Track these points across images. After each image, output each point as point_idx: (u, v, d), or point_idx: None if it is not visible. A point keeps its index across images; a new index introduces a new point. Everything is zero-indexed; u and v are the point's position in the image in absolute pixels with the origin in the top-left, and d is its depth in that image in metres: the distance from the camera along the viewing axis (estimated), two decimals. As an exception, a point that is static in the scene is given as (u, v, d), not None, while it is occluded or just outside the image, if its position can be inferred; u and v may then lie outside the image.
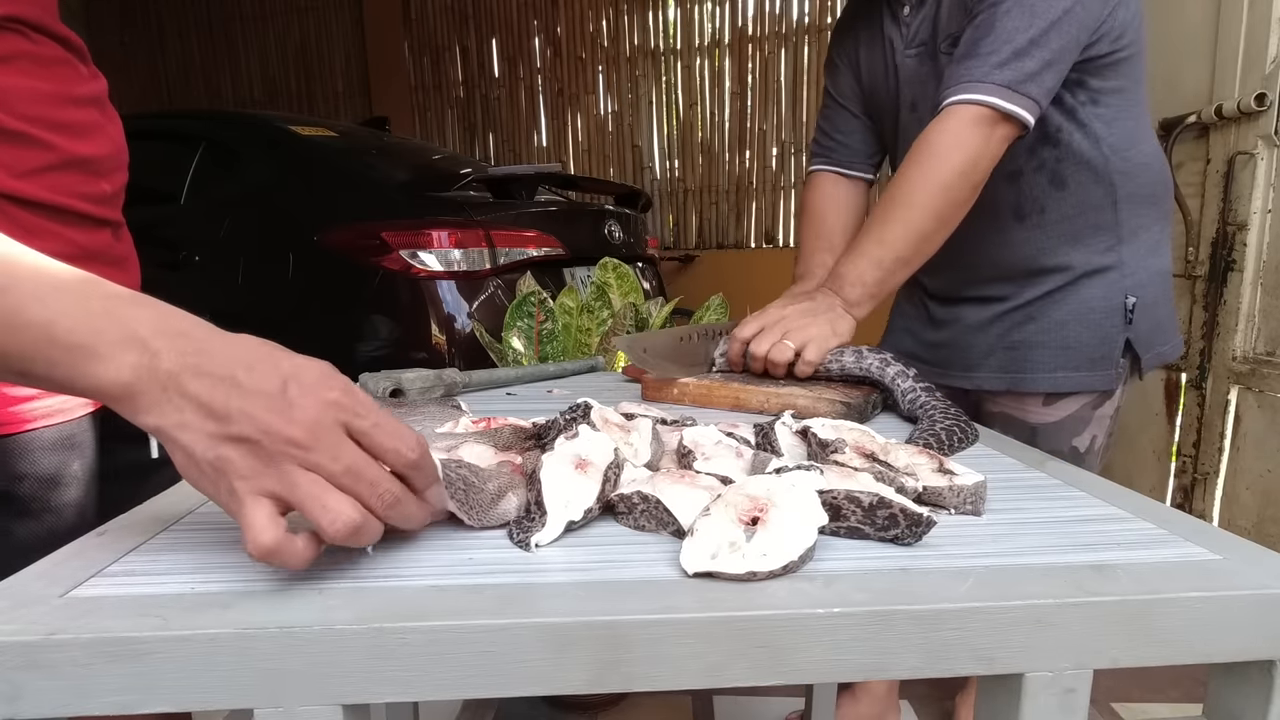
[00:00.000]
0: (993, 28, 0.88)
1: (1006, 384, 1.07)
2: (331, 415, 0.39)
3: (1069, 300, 1.04)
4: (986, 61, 0.88)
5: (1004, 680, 0.41)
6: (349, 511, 0.38)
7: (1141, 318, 1.03)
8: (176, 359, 0.38)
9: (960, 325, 1.13)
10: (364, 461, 0.39)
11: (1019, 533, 0.49)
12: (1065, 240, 1.03)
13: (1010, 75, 0.87)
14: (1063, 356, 1.04)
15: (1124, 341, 1.03)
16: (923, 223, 0.91)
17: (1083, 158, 0.99)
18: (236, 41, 5.35)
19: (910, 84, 1.06)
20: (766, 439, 0.63)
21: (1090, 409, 1.06)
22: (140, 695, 0.36)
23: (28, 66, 0.67)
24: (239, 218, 2.39)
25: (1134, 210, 1.02)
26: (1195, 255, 1.85)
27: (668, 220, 4.49)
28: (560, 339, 1.51)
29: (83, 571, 0.42)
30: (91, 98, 0.75)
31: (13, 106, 0.65)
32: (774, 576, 0.41)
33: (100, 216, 0.77)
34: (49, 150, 0.68)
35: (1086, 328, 1.03)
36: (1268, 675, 0.41)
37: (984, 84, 0.87)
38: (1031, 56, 0.87)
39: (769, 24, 4.10)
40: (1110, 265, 1.03)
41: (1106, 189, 1.01)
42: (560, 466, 0.50)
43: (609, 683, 0.37)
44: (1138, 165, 1.01)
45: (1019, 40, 0.87)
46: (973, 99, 0.88)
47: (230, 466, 0.37)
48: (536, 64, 4.70)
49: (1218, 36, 1.77)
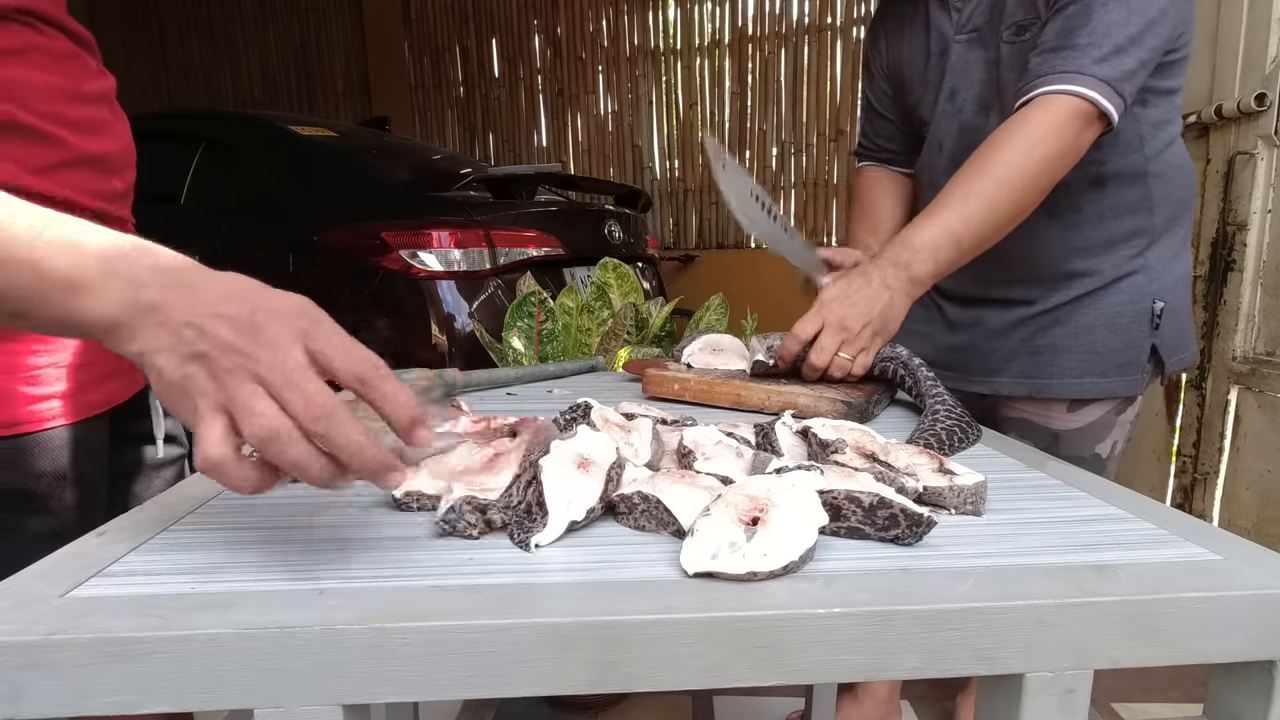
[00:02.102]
0: (1089, 19, 0.84)
1: (1029, 390, 1.05)
2: (289, 334, 0.40)
3: (1097, 305, 1.01)
4: (1086, 54, 0.84)
5: (1004, 680, 0.41)
6: (270, 415, 0.38)
7: (1167, 323, 1.01)
8: (159, 292, 0.40)
9: (981, 329, 1.10)
10: (306, 376, 0.40)
11: (1019, 533, 0.49)
12: (1098, 243, 1.01)
13: (1110, 71, 0.84)
14: (1089, 362, 1.01)
15: (1150, 347, 1.01)
16: (1009, 206, 0.87)
17: (1125, 159, 0.97)
18: (237, 42, 5.35)
19: (954, 73, 1.03)
20: (767, 439, 0.63)
21: (1114, 414, 1.05)
22: (140, 695, 0.36)
23: (40, 60, 0.67)
24: (239, 218, 2.39)
25: (1166, 214, 1.01)
26: (1195, 255, 1.85)
27: (668, 220, 4.49)
28: (560, 339, 1.51)
29: (83, 571, 0.42)
30: (101, 94, 0.75)
31: (26, 101, 0.65)
32: (774, 576, 0.41)
33: (112, 214, 0.77)
34: (61, 147, 0.68)
35: (1114, 333, 1.00)
36: (1268, 675, 0.41)
37: (1085, 76, 0.84)
38: (1130, 54, 0.84)
39: (769, 24, 4.10)
40: (1139, 270, 1.00)
41: (1143, 193, 0.99)
42: (562, 466, 0.50)
43: (609, 683, 0.37)
44: (1173, 168, 1.00)
45: (1118, 36, 0.83)
46: (1072, 90, 0.84)
47: (193, 384, 0.39)
48: (536, 64, 4.69)
49: (1218, 36, 1.77)
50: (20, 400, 0.69)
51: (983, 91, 1.00)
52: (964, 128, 1.03)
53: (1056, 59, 0.86)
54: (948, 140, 1.06)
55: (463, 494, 0.50)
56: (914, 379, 0.83)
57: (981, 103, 1.01)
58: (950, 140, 1.05)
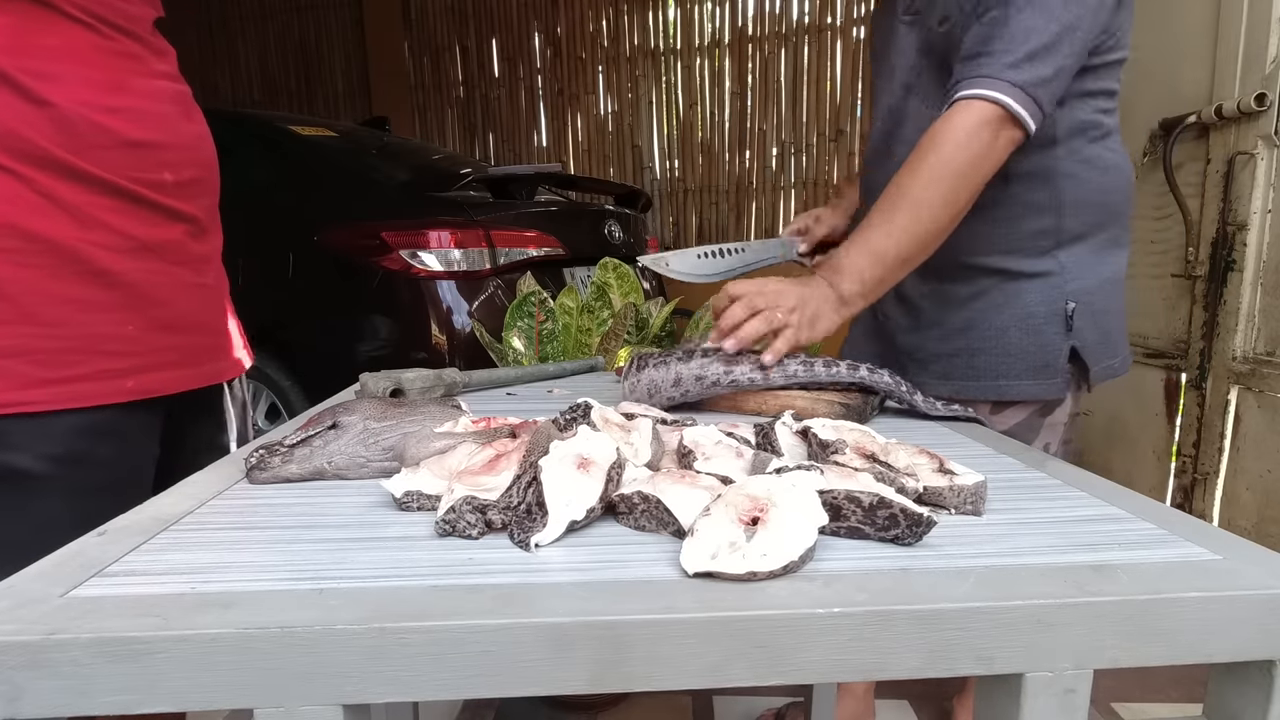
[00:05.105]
0: (1006, 25, 0.86)
1: (950, 391, 1.04)
2: None
3: (1010, 306, 1.01)
4: (1000, 60, 0.85)
5: (1004, 680, 0.41)
6: None
7: (1087, 326, 1.00)
8: None
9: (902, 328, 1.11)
10: None
11: (1019, 533, 0.49)
12: (1005, 240, 1.00)
13: (1024, 76, 0.85)
14: (1004, 364, 1.01)
15: (1068, 349, 1.00)
16: (928, 221, 0.88)
17: (1032, 160, 0.96)
18: (236, 41, 5.35)
19: (896, 52, 1.05)
20: (766, 439, 0.63)
21: (1038, 417, 1.04)
22: (140, 695, 0.36)
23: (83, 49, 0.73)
24: (238, 218, 2.39)
25: (1080, 215, 0.99)
26: (1195, 255, 1.85)
27: (668, 220, 4.49)
28: (560, 339, 1.51)
29: (83, 571, 0.42)
30: (155, 90, 0.80)
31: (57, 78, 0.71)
32: (774, 576, 0.41)
33: (165, 205, 0.78)
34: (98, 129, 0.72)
35: (1027, 334, 1.00)
36: (1268, 675, 0.41)
37: (998, 81, 0.85)
38: (1045, 61, 0.85)
39: (769, 24, 4.10)
40: (1050, 271, 1.00)
41: (1052, 193, 0.98)
42: (562, 466, 0.50)
43: (609, 683, 0.37)
44: (1096, 170, 0.99)
45: (1033, 42, 0.85)
46: (985, 95, 0.86)
47: None
48: (536, 64, 4.69)
49: (1218, 36, 1.77)
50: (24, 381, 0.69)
51: (907, 76, 1.02)
52: (890, 110, 1.05)
53: (973, 65, 0.88)
54: (879, 121, 1.08)
55: (463, 494, 0.50)
56: (885, 392, 0.84)
57: (906, 86, 1.03)
58: (880, 121, 1.08)
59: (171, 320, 0.81)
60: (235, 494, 0.58)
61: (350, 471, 0.61)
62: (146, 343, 0.78)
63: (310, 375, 2.26)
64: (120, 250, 0.75)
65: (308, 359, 2.26)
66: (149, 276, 0.78)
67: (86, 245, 0.72)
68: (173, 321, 0.81)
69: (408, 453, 0.60)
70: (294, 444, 0.61)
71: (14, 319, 0.69)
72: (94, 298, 0.73)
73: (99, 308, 0.74)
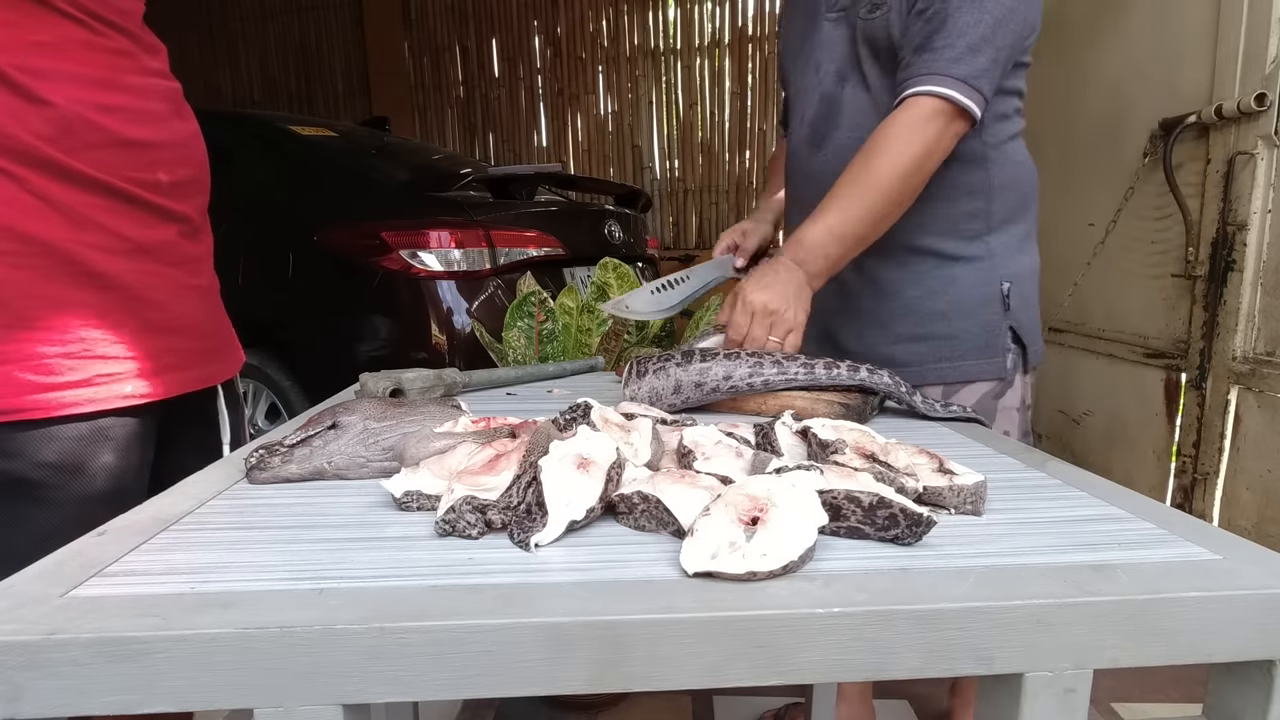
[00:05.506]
0: (945, 22, 0.91)
1: (904, 377, 1.07)
2: None
3: (948, 291, 1.06)
4: (943, 55, 0.91)
5: (1004, 680, 0.41)
6: None
7: (1019, 308, 1.06)
8: None
9: (848, 314, 1.14)
10: None
11: (1019, 533, 0.49)
12: (942, 219, 1.05)
13: (965, 69, 0.91)
14: (948, 347, 1.06)
15: (1009, 330, 1.06)
16: (884, 206, 0.94)
17: (965, 142, 1.01)
18: (236, 41, 5.35)
19: (823, 47, 1.09)
20: (766, 439, 0.63)
21: (992, 399, 1.08)
22: (140, 695, 0.36)
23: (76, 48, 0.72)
24: (239, 218, 2.39)
25: (1006, 200, 1.06)
26: (1195, 255, 1.85)
27: (668, 220, 4.48)
28: (560, 339, 1.51)
29: (83, 571, 0.42)
30: (149, 89, 0.79)
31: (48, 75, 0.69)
32: (774, 576, 0.41)
33: (158, 206, 0.78)
34: (91, 127, 0.72)
35: (966, 316, 1.05)
36: (1268, 675, 0.41)
37: (943, 76, 0.91)
38: (983, 53, 0.91)
39: (769, 24, 4.10)
40: (982, 255, 1.06)
41: (984, 176, 1.04)
42: (561, 466, 0.50)
43: (609, 683, 0.37)
44: (1013, 162, 1.06)
45: (971, 35, 0.91)
46: (932, 90, 0.91)
47: None
48: (536, 64, 4.70)
49: (1218, 36, 1.77)
50: (24, 388, 0.69)
51: (841, 65, 1.07)
52: (823, 98, 1.09)
53: (918, 62, 0.94)
54: (809, 110, 1.11)
55: (463, 494, 0.50)
56: (886, 393, 0.85)
57: (839, 75, 1.07)
58: (811, 110, 1.11)
59: (167, 323, 0.80)
60: (235, 494, 0.57)
61: (350, 471, 0.61)
62: (143, 346, 0.77)
63: (310, 375, 2.26)
64: (115, 252, 0.74)
65: (308, 359, 2.26)
66: (144, 278, 0.77)
67: (81, 247, 0.71)
68: (168, 324, 0.80)
69: (408, 453, 0.60)
70: (294, 444, 0.61)
71: (9, 324, 0.69)
72: (89, 301, 0.73)
73: (94, 311, 0.73)
